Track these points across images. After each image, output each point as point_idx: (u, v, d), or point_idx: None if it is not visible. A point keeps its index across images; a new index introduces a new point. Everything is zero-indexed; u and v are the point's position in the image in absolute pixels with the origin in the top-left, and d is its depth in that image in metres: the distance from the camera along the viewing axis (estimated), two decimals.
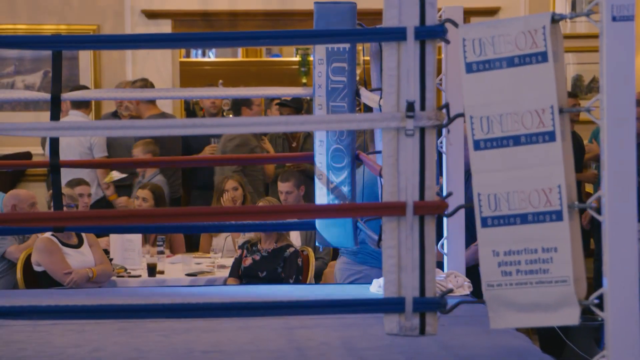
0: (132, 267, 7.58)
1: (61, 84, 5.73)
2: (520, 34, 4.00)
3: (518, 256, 4.06)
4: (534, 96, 3.99)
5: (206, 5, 10.46)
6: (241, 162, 8.65)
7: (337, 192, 5.61)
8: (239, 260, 7.30)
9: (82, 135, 8.74)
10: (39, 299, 5.70)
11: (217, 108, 9.77)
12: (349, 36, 5.10)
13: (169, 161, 9.02)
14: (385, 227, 4.21)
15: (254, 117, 8.17)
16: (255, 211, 5.33)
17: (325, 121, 4.94)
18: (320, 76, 5.64)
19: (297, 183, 8.16)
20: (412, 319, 4.23)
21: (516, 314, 4.12)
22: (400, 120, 4.13)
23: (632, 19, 3.83)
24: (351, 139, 5.56)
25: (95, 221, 5.24)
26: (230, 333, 4.85)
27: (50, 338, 4.84)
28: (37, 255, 7.07)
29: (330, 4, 5.53)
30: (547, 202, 3.98)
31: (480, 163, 4.13)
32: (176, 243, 8.43)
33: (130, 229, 6.58)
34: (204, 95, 8.59)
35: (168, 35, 7.97)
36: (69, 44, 5.68)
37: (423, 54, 4.14)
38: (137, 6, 10.34)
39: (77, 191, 7.65)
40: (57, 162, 5.90)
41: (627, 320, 3.90)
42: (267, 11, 10.49)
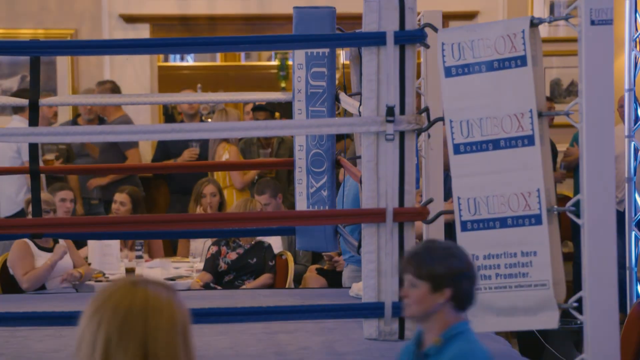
0: (110, 272, 7.54)
1: (39, 89, 5.71)
2: (500, 38, 4.01)
3: (497, 260, 4.07)
4: (513, 100, 4.00)
5: (185, 9, 10.43)
6: (220, 168, 8.64)
7: (317, 196, 5.60)
8: (215, 256, 7.31)
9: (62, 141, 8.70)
10: (17, 304, 5.67)
11: (194, 110, 9.74)
12: (329, 41, 5.11)
13: (147, 167, 9.00)
14: (365, 233, 4.21)
15: (233, 122, 8.15)
16: (236, 218, 5.32)
17: (305, 126, 4.94)
18: (300, 81, 5.64)
19: (274, 193, 8.16)
20: (391, 323, 4.23)
21: (495, 317, 4.12)
22: (380, 125, 4.13)
23: (610, 22, 3.85)
24: (331, 143, 5.56)
25: (74, 228, 5.22)
26: (210, 338, 4.83)
27: (29, 343, 4.81)
28: (9, 257, 7.05)
29: (310, 8, 5.54)
30: (526, 205, 3.99)
31: (460, 167, 4.14)
32: (154, 248, 8.40)
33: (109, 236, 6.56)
34: (182, 100, 8.57)
35: (147, 40, 7.95)
36: (48, 49, 5.67)
37: (403, 58, 4.15)
38: (114, 10, 10.30)
39: (59, 196, 7.60)
40: (37, 168, 5.88)
41: (606, 323, 3.92)
42: (246, 15, 10.47)
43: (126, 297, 2.19)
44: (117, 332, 2.16)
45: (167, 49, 7.24)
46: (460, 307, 3.12)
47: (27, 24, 10.27)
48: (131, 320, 2.16)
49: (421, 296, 3.07)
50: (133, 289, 2.20)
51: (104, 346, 2.16)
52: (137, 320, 2.17)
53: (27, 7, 10.27)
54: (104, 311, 2.18)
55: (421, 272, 3.07)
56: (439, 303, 3.07)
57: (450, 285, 3.06)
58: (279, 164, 8.08)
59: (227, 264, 7.27)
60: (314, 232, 5.67)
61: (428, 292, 3.06)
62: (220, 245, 7.34)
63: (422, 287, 3.06)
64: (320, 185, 5.58)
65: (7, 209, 8.54)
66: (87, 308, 2.20)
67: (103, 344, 2.16)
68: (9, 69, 10.30)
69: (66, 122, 9.54)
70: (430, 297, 3.06)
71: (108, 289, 2.21)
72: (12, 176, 8.43)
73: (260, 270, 7.28)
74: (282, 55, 12.18)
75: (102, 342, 2.16)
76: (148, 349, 2.16)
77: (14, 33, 10.22)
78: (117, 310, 2.17)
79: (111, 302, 2.19)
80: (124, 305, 2.18)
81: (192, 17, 10.56)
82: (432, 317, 3.10)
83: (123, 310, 2.17)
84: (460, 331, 3.09)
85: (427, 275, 3.06)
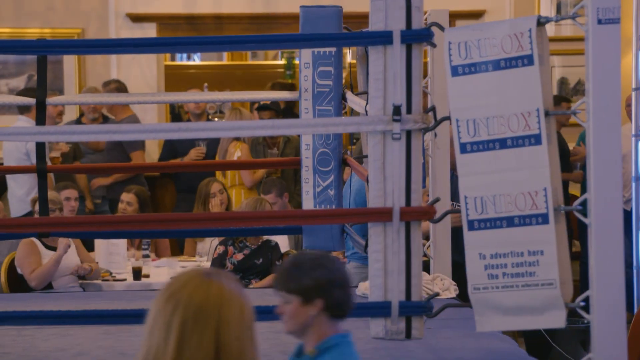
0: (117, 271, 7.55)
1: (46, 88, 5.72)
2: (506, 37, 4.00)
3: (504, 259, 4.06)
4: (520, 99, 3.99)
5: (191, 8, 10.43)
6: (226, 167, 8.64)
7: (324, 195, 5.60)
8: (222, 256, 7.31)
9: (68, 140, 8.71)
10: (24, 303, 5.68)
11: (201, 109, 9.74)
12: (335, 40, 5.10)
13: (153, 166, 9.00)
14: (372, 231, 4.21)
15: (240, 122, 8.15)
16: (243, 217, 5.32)
17: (311, 125, 4.94)
18: (307, 80, 5.63)
19: (280, 192, 8.16)
20: (398, 322, 4.23)
21: (502, 317, 4.12)
22: (387, 124, 4.12)
23: (617, 21, 3.84)
24: (337, 142, 5.56)
25: (81, 227, 5.23)
26: None
27: (35, 342, 4.82)
28: (16, 256, 7.06)
29: (316, 7, 5.53)
30: (533, 205, 3.98)
31: (466, 166, 4.13)
32: (161, 247, 8.40)
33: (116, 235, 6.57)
34: (189, 99, 8.56)
35: (154, 39, 7.96)
36: (54, 48, 5.67)
37: (409, 57, 4.14)
38: (121, 10, 10.30)
39: (64, 195, 7.61)
40: (44, 167, 5.89)
41: (613, 322, 3.91)
42: (252, 15, 10.47)
43: (201, 287, 2.28)
44: (192, 317, 2.24)
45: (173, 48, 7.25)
46: (335, 315, 3.12)
47: (34, 24, 10.28)
48: (207, 308, 2.25)
49: (294, 310, 3.08)
50: (207, 279, 2.29)
51: (180, 328, 2.24)
52: (212, 308, 2.25)
53: (33, 7, 10.28)
54: (180, 297, 2.26)
55: (290, 286, 3.08)
56: (312, 315, 3.07)
57: (321, 296, 3.06)
58: (286, 163, 8.07)
59: (234, 264, 7.28)
60: (320, 231, 5.67)
61: (300, 305, 3.07)
62: (227, 245, 7.34)
63: (294, 301, 3.07)
64: (327, 185, 5.58)
65: (17, 209, 8.57)
66: (160, 295, 2.29)
67: (179, 326, 2.24)
68: (16, 68, 10.31)
69: (70, 122, 9.55)
70: (303, 310, 3.07)
71: (182, 277, 2.31)
72: (22, 177, 8.45)
73: (266, 270, 7.28)
74: (289, 55, 12.18)
75: (178, 325, 2.24)
76: (220, 337, 2.25)
77: (20, 32, 10.23)
78: (193, 297, 2.26)
79: (187, 290, 2.27)
80: (200, 293, 2.27)
81: (198, 17, 10.56)
82: (308, 329, 3.10)
83: (199, 298, 2.26)
84: (335, 344, 3.09)
85: (296, 289, 3.07)
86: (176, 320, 2.25)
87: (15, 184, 8.59)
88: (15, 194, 8.62)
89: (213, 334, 2.25)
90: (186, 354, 2.24)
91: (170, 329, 2.26)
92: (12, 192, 8.65)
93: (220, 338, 2.25)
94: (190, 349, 2.24)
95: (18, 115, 8.70)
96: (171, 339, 2.25)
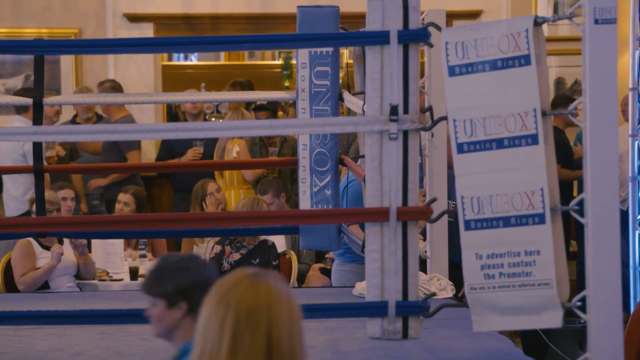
0: (114, 271, 7.54)
1: (43, 88, 5.72)
2: (503, 37, 4.00)
3: (501, 259, 4.07)
4: (517, 99, 3.99)
5: (188, 8, 10.43)
6: (224, 167, 8.64)
7: (321, 195, 5.60)
8: (219, 255, 7.31)
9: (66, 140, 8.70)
10: (21, 303, 5.67)
11: (198, 109, 9.74)
12: (332, 40, 5.10)
13: (150, 167, 9.00)
14: (368, 231, 4.21)
15: (237, 121, 8.15)
16: (240, 217, 5.32)
17: (308, 125, 4.94)
18: (304, 80, 5.64)
19: (277, 192, 8.16)
20: (395, 322, 4.23)
21: (499, 316, 4.12)
22: (384, 124, 4.13)
23: (614, 22, 3.84)
24: (334, 142, 5.56)
25: (77, 227, 5.23)
26: None
27: (32, 342, 4.82)
28: (12, 256, 7.07)
29: (314, 7, 5.53)
30: (529, 205, 3.98)
31: (463, 166, 4.14)
32: (158, 246, 8.40)
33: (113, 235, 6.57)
34: (186, 99, 8.56)
35: (151, 39, 7.96)
36: (52, 48, 5.67)
37: (406, 57, 4.15)
38: (118, 9, 10.30)
39: (60, 195, 7.61)
40: (41, 167, 5.89)
41: (609, 322, 3.91)
42: (249, 14, 10.47)
43: (251, 287, 2.36)
44: (244, 317, 2.32)
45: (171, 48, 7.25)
46: None
47: (31, 23, 10.28)
48: (257, 307, 2.34)
49: (159, 314, 3.11)
50: (256, 280, 2.38)
51: (233, 328, 2.32)
52: (262, 308, 2.34)
53: (31, 7, 10.27)
54: (231, 298, 2.35)
55: (154, 290, 3.11)
56: (176, 318, 3.10)
57: (185, 300, 3.09)
58: (283, 162, 8.08)
59: (231, 264, 7.28)
60: (317, 231, 5.67)
61: (165, 309, 3.10)
62: (225, 244, 7.35)
63: (159, 304, 3.10)
64: (324, 185, 5.59)
65: (14, 209, 8.57)
66: (211, 297, 2.38)
67: (232, 326, 2.32)
68: (13, 68, 10.31)
69: (65, 122, 9.54)
70: (168, 314, 3.10)
71: (231, 279, 2.40)
72: (19, 178, 8.45)
73: None
74: (286, 55, 12.18)
75: (231, 325, 2.32)
76: (272, 335, 2.33)
77: (18, 32, 10.23)
78: (243, 297, 2.34)
79: (237, 291, 2.36)
80: (250, 294, 2.35)
81: (195, 17, 10.56)
82: (175, 333, 3.13)
83: (249, 298, 2.34)
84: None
85: (160, 293, 3.10)
86: (229, 320, 2.33)
87: (12, 184, 8.59)
88: (11, 194, 8.62)
89: (265, 332, 2.32)
90: (240, 353, 2.32)
91: (224, 329, 2.33)
92: (7, 192, 8.65)
93: (272, 336, 2.33)
94: (244, 347, 2.32)
95: (15, 115, 8.70)
96: (225, 338, 2.33)
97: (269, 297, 2.36)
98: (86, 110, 9.32)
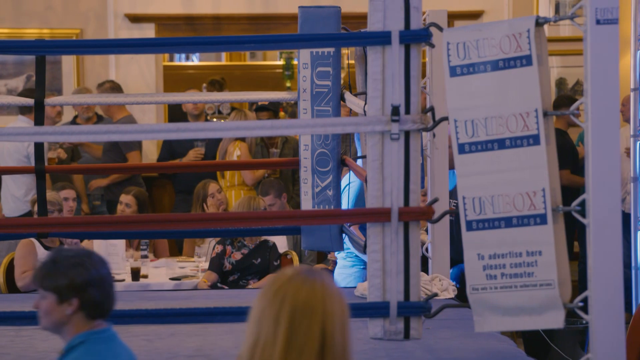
0: (115, 271, 7.55)
1: (45, 88, 5.71)
2: (505, 38, 4.00)
3: (503, 260, 4.06)
4: (518, 99, 3.99)
5: (190, 9, 10.44)
6: (225, 167, 8.64)
7: (322, 196, 5.60)
8: (220, 255, 7.31)
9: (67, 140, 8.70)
10: (22, 303, 5.67)
11: (199, 109, 9.74)
12: (334, 40, 5.10)
13: (152, 167, 9.00)
14: (370, 232, 4.21)
15: (239, 122, 8.15)
16: (241, 217, 5.32)
17: (310, 125, 4.93)
18: (305, 80, 5.63)
19: (278, 193, 8.17)
20: (396, 323, 4.23)
21: (501, 317, 4.12)
22: (385, 124, 4.12)
23: (616, 22, 3.84)
24: (336, 142, 5.55)
25: (79, 227, 5.22)
26: (215, 337, 4.84)
27: (33, 343, 4.82)
28: (15, 255, 7.07)
29: (315, 8, 5.53)
30: (531, 205, 3.98)
31: (464, 166, 4.13)
32: (160, 247, 8.40)
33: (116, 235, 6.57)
34: (187, 100, 8.56)
35: (152, 40, 7.95)
36: (53, 48, 5.67)
37: (408, 57, 4.14)
38: (120, 10, 10.31)
39: (62, 195, 7.61)
40: (43, 167, 5.88)
41: (611, 323, 3.91)
42: (250, 15, 10.47)
43: (306, 282, 2.43)
44: (300, 310, 2.40)
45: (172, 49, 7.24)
46: (93, 316, 3.12)
47: (33, 24, 10.28)
48: (313, 301, 2.41)
49: (49, 308, 3.08)
50: (311, 277, 2.45)
51: (289, 320, 2.39)
52: (317, 302, 2.41)
53: (32, 7, 10.27)
54: (287, 291, 2.42)
55: (46, 283, 3.08)
56: (67, 314, 3.08)
57: (77, 295, 3.07)
58: (285, 163, 8.07)
59: (232, 264, 7.28)
60: (319, 231, 5.67)
61: (55, 303, 3.07)
62: (226, 244, 7.35)
63: (49, 298, 3.07)
64: (325, 185, 5.58)
65: (16, 210, 8.58)
66: (266, 291, 2.45)
67: (288, 318, 2.39)
68: (15, 69, 10.31)
69: (66, 123, 9.55)
70: (58, 309, 3.08)
71: (285, 274, 2.47)
72: (21, 178, 8.46)
73: (264, 270, 7.27)
74: (288, 55, 12.19)
75: (287, 317, 2.39)
76: (326, 330, 2.40)
77: (19, 33, 10.23)
78: (299, 291, 2.42)
79: (293, 285, 2.43)
80: (306, 288, 2.42)
81: (197, 17, 10.56)
82: (64, 327, 3.11)
83: (305, 292, 2.42)
84: (81, 341, 3.10)
85: (52, 287, 3.07)
86: (285, 313, 2.40)
87: (14, 185, 8.59)
88: (12, 194, 8.62)
89: (319, 327, 2.39)
90: (295, 345, 2.39)
91: (279, 321, 2.39)
92: (9, 192, 8.65)
93: (326, 331, 2.40)
94: (299, 340, 2.38)
95: (18, 115, 8.71)
96: (280, 330, 2.39)
97: (323, 294, 2.43)
98: (86, 110, 9.32)
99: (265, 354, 2.39)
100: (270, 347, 2.39)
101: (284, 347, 2.38)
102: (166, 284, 7.41)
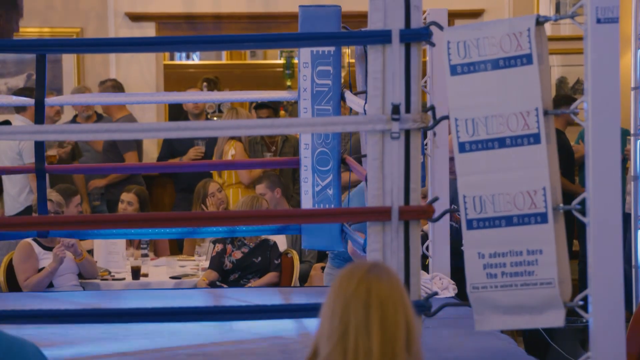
0: (116, 270, 7.55)
1: (45, 87, 5.71)
2: (505, 37, 4.00)
3: (503, 258, 4.06)
4: (519, 98, 3.99)
5: (190, 7, 10.44)
6: (225, 166, 8.64)
7: (323, 195, 5.60)
8: (221, 254, 7.32)
9: (67, 139, 8.71)
10: (24, 302, 5.68)
11: (199, 108, 9.75)
12: (334, 39, 5.10)
13: (152, 166, 9.00)
14: (370, 231, 4.21)
15: (239, 120, 8.15)
16: (242, 216, 5.32)
17: (310, 124, 4.93)
18: (305, 79, 5.64)
19: (271, 185, 8.17)
20: None
21: (501, 316, 4.12)
22: (386, 123, 4.12)
23: (616, 21, 3.84)
24: (336, 142, 5.56)
25: (79, 226, 5.22)
26: (215, 336, 4.84)
27: (35, 341, 4.81)
28: (13, 259, 7.06)
29: (315, 7, 5.53)
30: (532, 204, 3.98)
31: (465, 165, 4.13)
32: (160, 246, 8.41)
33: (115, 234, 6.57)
34: (188, 99, 8.57)
35: (153, 38, 7.95)
36: (54, 47, 5.67)
37: (408, 56, 4.14)
38: (120, 9, 10.31)
39: (73, 202, 7.61)
40: (43, 167, 5.88)
41: (611, 321, 3.91)
42: (251, 14, 10.48)
43: (382, 273, 2.49)
44: (387, 298, 2.43)
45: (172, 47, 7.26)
46: None
47: (33, 22, 10.28)
48: (396, 290, 2.46)
49: None
50: (385, 269, 2.51)
51: (380, 308, 2.43)
52: (399, 292, 2.47)
53: (33, 6, 10.27)
54: (370, 281, 2.47)
55: None
56: None
57: None
58: (285, 162, 8.08)
59: (232, 263, 7.28)
60: (319, 230, 5.67)
61: None
62: (226, 243, 7.35)
63: None
64: (326, 184, 5.58)
65: (11, 208, 8.58)
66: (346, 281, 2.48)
67: (378, 306, 2.43)
68: (15, 67, 10.31)
69: (66, 122, 9.55)
70: None
71: (360, 266, 2.51)
72: (15, 176, 8.46)
73: (265, 269, 7.28)
74: (288, 54, 12.19)
75: (377, 305, 2.43)
76: (409, 319, 2.46)
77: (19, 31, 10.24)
78: (381, 281, 2.46)
79: (373, 275, 2.48)
80: (385, 278, 2.47)
81: (197, 16, 10.56)
82: None
83: (386, 282, 2.47)
84: None
85: None
86: (374, 303, 2.44)
87: (9, 183, 8.60)
88: (8, 193, 8.64)
89: (404, 317, 2.45)
90: (388, 334, 2.42)
91: (370, 311, 2.43)
92: (6, 191, 8.67)
93: (409, 321, 2.46)
94: (390, 329, 2.42)
95: (14, 114, 8.71)
96: (373, 320, 2.42)
97: (399, 285, 2.49)
98: (86, 109, 9.33)
99: (360, 343, 2.41)
100: (364, 337, 2.41)
101: (380, 338, 2.41)
102: (166, 283, 7.42)
